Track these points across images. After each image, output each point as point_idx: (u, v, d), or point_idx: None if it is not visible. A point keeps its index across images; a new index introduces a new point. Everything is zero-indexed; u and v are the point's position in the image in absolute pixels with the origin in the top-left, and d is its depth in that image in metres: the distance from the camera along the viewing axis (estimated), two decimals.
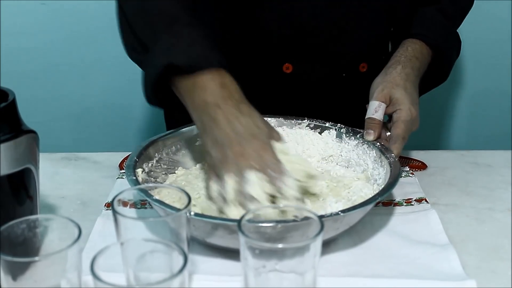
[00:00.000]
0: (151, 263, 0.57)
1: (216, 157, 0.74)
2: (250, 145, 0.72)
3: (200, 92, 0.77)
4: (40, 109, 1.66)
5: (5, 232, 0.56)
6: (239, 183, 0.71)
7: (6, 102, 0.64)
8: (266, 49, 1.00)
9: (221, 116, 0.74)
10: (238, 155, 0.72)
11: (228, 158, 0.72)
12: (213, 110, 0.75)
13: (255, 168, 0.71)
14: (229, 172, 0.72)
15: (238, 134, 0.73)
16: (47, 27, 1.60)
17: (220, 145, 0.73)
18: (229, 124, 0.74)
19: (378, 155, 0.85)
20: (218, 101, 0.75)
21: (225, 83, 0.77)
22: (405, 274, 0.69)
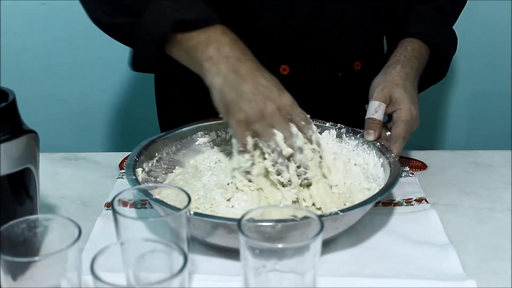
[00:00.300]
0: (151, 263, 0.57)
1: (250, 112, 0.74)
2: (284, 101, 0.76)
3: (216, 46, 0.77)
4: (40, 109, 1.66)
5: (5, 232, 0.56)
6: (288, 138, 0.75)
7: (6, 102, 0.64)
8: (263, 51, 0.99)
9: (246, 71, 0.76)
10: (275, 111, 0.75)
11: (265, 113, 0.74)
12: (236, 64, 0.76)
13: (286, 124, 0.75)
14: (272, 125, 0.74)
15: (268, 88, 0.75)
16: (47, 27, 1.61)
17: (251, 100, 0.74)
18: (256, 79, 0.75)
19: (378, 155, 0.85)
20: (238, 55, 0.76)
21: (236, 39, 0.78)
22: (405, 274, 0.69)
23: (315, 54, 0.99)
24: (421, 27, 0.97)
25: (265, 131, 0.75)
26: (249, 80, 0.75)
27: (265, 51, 0.99)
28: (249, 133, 0.76)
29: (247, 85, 0.75)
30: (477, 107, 1.72)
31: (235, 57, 0.76)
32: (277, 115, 0.75)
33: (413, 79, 0.92)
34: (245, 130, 0.76)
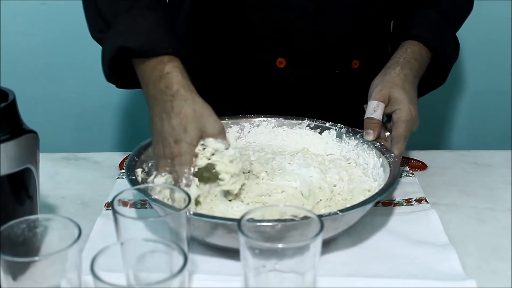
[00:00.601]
0: (151, 263, 0.57)
1: (161, 152, 0.77)
2: (170, 152, 0.75)
3: (144, 79, 0.80)
4: (40, 109, 1.66)
5: (5, 232, 0.56)
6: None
7: (6, 102, 0.64)
8: (259, 44, 1.00)
9: (156, 112, 0.77)
10: (158, 157, 0.77)
11: (155, 158, 0.78)
12: (151, 102, 0.79)
13: (164, 172, 0.76)
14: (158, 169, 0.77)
15: (164, 137, 0.76)
16: (47, 27, 1.60)
17: (154, 144, 0.78)
18: (160, 123, 0.76)
19: (378, 155, 0.85)
20: (156, 94, 0.78)
21: (162, 73, 0.78)
22: (405, 274, 0.69)
23: (311, 48, 0.99)
24: (422, 30, 0.97)
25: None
26: (155, 124, 0.78)
27: (259, 45, 0.99)
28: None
29: (153, 128, 0.78)
30: (477, 107, 1.72)
31: (152, 96, 0.79)
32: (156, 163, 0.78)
33: (412, 80, 0.92)
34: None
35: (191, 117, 0.75)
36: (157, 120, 0.77)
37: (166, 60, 0.79)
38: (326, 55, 1.01)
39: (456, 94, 1.72)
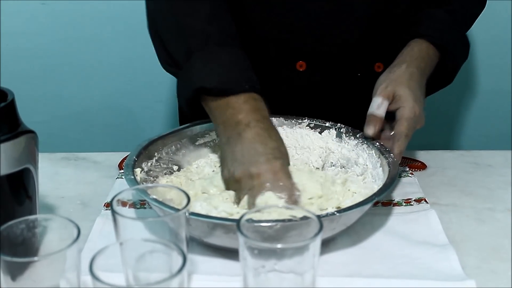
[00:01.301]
0: (150, 263, 0.57)
1: (233, 174, 0.76)
2: (269, 167, 0.74)
3: (233, 112, 0.79)
4: (40, 109, 1.66)
5: (4, 232, 0.56)
6: (249, 202, 0.74)
7: (5, 102, 0.64)
8: (279, 46, 1.00)
9: (249, 134, 0.77)
10: (255, 175, 0.74)
11: (244, 176, 0.75)
12: (243, 128, 0.78)
13: (267, 189, 0.73)
14: (242, 190, 0.75)
15: (259, 154, 0.75)
16: (47, 27, 1.60)
17: (239, 162, 0.76)
18: (254, 145, 0.76)
19: (377, 155, 0.85)
20: (250, 121, 0.78)
21: (257, 108, 0.80)
22: (405, 274, 0.69)
23: (332, 52, 0.99)
24: (430, 29, 0.96)
25: (237, 193, 0.77)
26: (247, 143, 0.77)
27: (280, 48, 0.99)
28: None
29: (243, 147, 0.77)
30: (477, 107, 1.72)
31: (245, 123, 0.78)
32: (249, 183, 0.75)
33: (418, 79, 0.91)
34: (229, 188, 0.79)
35: (285, 147, 0.79)
36: (248, 139, 0.77)
37: (251, 99, 0.80)
38: (346, 58, 1.00)
39: (456, 94, 1.72)
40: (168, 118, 1.78)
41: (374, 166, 0.84)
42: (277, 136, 0.79)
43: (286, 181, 0.75)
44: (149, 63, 1.68)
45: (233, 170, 0.77)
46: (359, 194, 0.80)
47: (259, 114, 0.80)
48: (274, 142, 0.78)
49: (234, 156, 0.77)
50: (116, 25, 1.63)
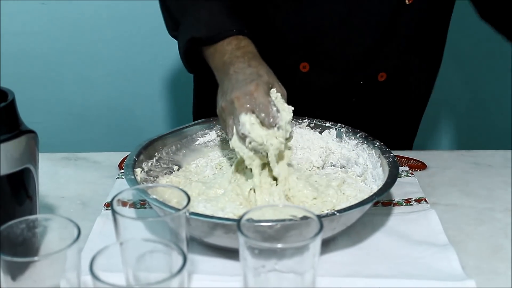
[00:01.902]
0: (150, 263, 0.57)
1: (220, 105, 0.81)
2: (246, 88, 0.78)
3: (219, 55, 0.86)
4: (40, 109, 1.66)
5: (4, 232, 0.56)
6: (236, 125, 0.78)
7: (6, 102, 0.64)
8: (282, 47, 1.00)
9: (231, 70, 0.82)
10: (235, 99, 0.78)
11: (227, 103, 0.79)
12: (227, 67, 0.83)
13: (247, 109, 0.77)
14: (229, 115, 0.79)
15: (239, 81, 0.80)
16: (47, 27, 1.61)
17: (225, 93, 0.81)
18: (235, 75, 0.81)
19: (377, 155, 0.85)
20: (232, 59, 0.83)
21: (240, 45, 0.85)
22: (405, 274, 0.69)
23: (335, 55, 0.99)
24: None
25: (225, 121, 0.81)
26: (230, 77, 0.82)
27: (284, 48, 1.00)
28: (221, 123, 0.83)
29: (227, 82, 0.81)
30: (477, 107, 1.72)
31: (228, 62, 0.84)
32: (231, 107, 0.79)
33: None
34: (222, 121, 0.83)
35: (266, 70, 0.82)
36: (232, 74, 0.81)
37: (237, 39, 0.86)
38: (350, 64, 1.00)
39: (456, 94, 1.72)
40: (168, 118, 1.78)
41: (374, 166, 0.85)
42: (256, 63, 0.82)
43: (263, 99, 0.77)
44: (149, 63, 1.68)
45: (220, 102, 0.81)
46: (355, 198, 0.80)
47: (241, 51, 0.84)
48: (252, 69, 0.81)
49: (222, 91, 0.82)
50: (116, 25, 1.63)
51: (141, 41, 1.66)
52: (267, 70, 0.82)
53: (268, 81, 0.80)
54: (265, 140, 0.76)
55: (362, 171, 0.87)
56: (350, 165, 0.90)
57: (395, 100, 1.08)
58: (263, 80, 0.79)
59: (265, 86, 0.78)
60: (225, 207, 0.76)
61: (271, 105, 0.77)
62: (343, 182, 0.84)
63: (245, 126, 0.76)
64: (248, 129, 0.76)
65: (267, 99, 0.77)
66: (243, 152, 0.78)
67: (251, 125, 0.76)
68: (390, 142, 0.91)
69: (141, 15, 1.63)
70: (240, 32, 0.87)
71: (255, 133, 0.76)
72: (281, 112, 0.77)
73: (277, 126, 0.76)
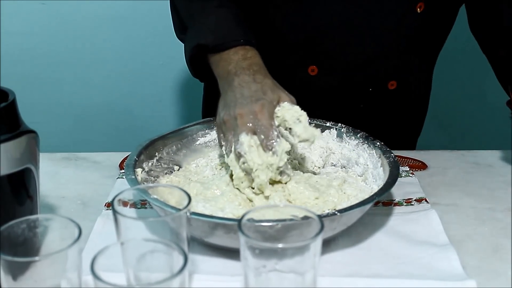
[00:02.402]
0: (151, 263, 0.57)
1: (222, 117, 0.81)
2: (251, 107, 0.77)
3: (224, 64, 0.85)
4: (40, 109, 1.66)
5: (5, 232, 0.56)
6: (235, 143, 0.78)
7: (6, 102, 0.64)
8: (292, 49, 1.00)
9: (236, 82, 0.81)
10: (238, 116, 0.78)
11: (230, 118, 0.79)
12: (231, 78, 0.83)
13: (249, 129, 0.77)
14: (229, 131, 0.79)
15: (244, 97, 0.79)
16: (47, 27, 1.61)
17: (227, 106, 0.80)
18: (240, 89, 0.80)
19: (378, 155, 0.85)
20: (237, 70, 0.83)
21: (246, 56, 0.85)
22: (405, 274, 0.69)
23: (343, 60, 0.99)
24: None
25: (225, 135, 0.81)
26: (234, 90, 0.81)
27: (294, 49, 1.00)
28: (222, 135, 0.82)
29: (230, 94, 0.81)
30: (477, 107, 1.72)
31: (233, 72, 0.83)
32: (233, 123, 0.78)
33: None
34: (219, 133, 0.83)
35: (271, 86, 0.81)
36: (236, 87, 0.80)
37: (244, 49, 0.85)
38: (359, 70, 1.00)
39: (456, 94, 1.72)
40: (168, 118, 1.78)
41: (374, 166, 0.85)
42: (262, 78, 0.82)
43: (266, 121, 0.77)
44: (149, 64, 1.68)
45: (222, 114, 0.81)
46: (355, 197, 0.80)
47: (247, 62, 0.83)
48: (257, 85, 0.80)
49: (224, 103, 0.81)
50: (116, 25, 1.63)
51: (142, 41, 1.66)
52: (272, 85, 0.81)
53: (273, 98, 0.79)
54: (254, 169, 0.76)
55: (362, 171, 0.87)
56: (350, 165, 0.90)
57: (400, 103, 1.08)
58: (268, 99, 0.78)
59: (270, 107, 0.78)
60: (224, 208, 0.76)
61: (273, 129, 0.77)
62: (344, 182, 0.84)
63: (243, 146, 0.76)
64: (245, 150, 0.76)
65: (270, 122, 0.77)
66: (235, 172, 0.78)
67: (249, 147, 0.76)
68: (394, 143, 0.91)
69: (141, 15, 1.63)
70: (248, 43, 0.86)
71: (250, 156, 0.76)
72: (282, 139, 0.77)
73: (273, 151, 0.76)
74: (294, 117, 0.78)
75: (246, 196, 0.79)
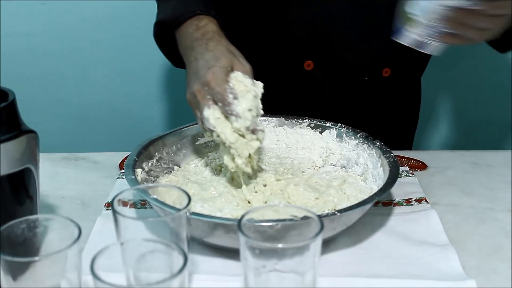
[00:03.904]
0: (151, 263, 0.57)
1: (187, 98, 0.79)
2: (203, 79, 0.76)
3: (182, 39, 0.85)
4: (40, 109, 1.66)
5: (5, 232, 0.56)
6: (202, 120, 0.77)
7: (6, 102, 0.64)
8: (288, 45, 1.00)
9: (192, 56, 0.81)
10: (196, 92, 0.77)
11: (191, 96, 0.78)
12: (189, 53, 0.82)
13: (209, 101, 0.75)
14: (196, 109, 0.78)
15: (198, 69, 0.78)
16: (47, 27, 1.60)
17: (188, 85, 0.79)
18: (195, 62, 0.79)
19: (378, 155, 0.85)
20: (193, 43, 0.82)
21: (199, 26, 0.84)
22: (405, 274, 0.69)
23: (336, 54, 0.99)
24: None
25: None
26: (191, 66, 0.80)
27: (288, 46, 1.00)
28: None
29: (188, 72, 0.81)
30: (477, 107, 1.72)
31: (189, 46, 0.83)
32: (195, 102, 0.78)
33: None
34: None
35: (224, 51, 0.78)
36: (192, 61, 0.80)
37: (198, 19, 0.84)
38: (356, 62, 1.00)
39: (456, 94, 1.72)
40: (168, 118, 1.78)
41: (374, 166, 0.85)
42: (215, 45, 0.80)
43: (219, 88, 0.75)
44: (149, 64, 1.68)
45: (187, 95, 0.79)
46: (355, 197, 0.80)
47: (200, 31, 0.83)
48: (210, 53, 0.78)
49: (187, 81, 0.80)
50: (116, 25, 1.63)
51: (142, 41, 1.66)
52: (225, 51, 0.79)
53: (226, 64, 0.77)
54: (228, 144, 0.75)
55: (362, 171, 0.87)
56: (350, 165, 0.90)
57: (395, 91, 1.08)
58: (221, 65, 0.76)
59: (221, 73, 0.76)
60: (223, 208, 0.76)
61: (227, 92, 0.75)
62: (344, 182, 0.84)
63: (210, 121, 0.75)
64: (213, 124, 0.75)
65: (223, 87, 0.75)
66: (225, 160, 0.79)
67: (216, 119, 0.75)
68: (391, 141, 0.91)
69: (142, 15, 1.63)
70: (204, 13, 0.84)
71: (220, 128, 0.75)
72: (240, 99, 0.75)
73: (235, 114, 0.74)
74: (243, 91, 0.76)
75: (244, 197, 0.79)
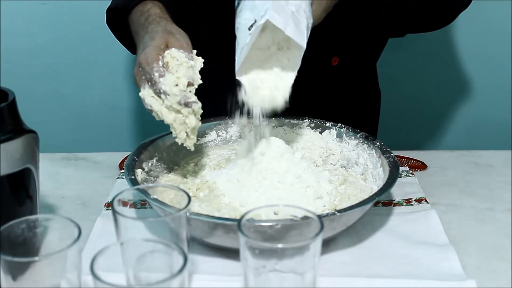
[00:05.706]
0: (151, 263, 0.57)
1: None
2: (137, 60, 0.78)
3: (131, 25, 0.88)
4: (40, 109, 1.66)
5: (5, 232, 0.56)
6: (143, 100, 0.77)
7: (6, 102, 0.64)
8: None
9: (137, 42, 0.84)
10: (135, 75, 0.79)
11: (135, 80, 0.80)
12: (136, 38, 0.85)
13: (144, 82, 0.77)
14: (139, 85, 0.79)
15: (138, 54, 0.80)
16: (47, 27, 1.60)
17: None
18: (138, 47, 0.82)
19: (378, 155, 0.85)
20: (138, 28, 0.85)
21: (144, 11, 0.86)
22: (405, 274, 0.69)
23: None
24: None
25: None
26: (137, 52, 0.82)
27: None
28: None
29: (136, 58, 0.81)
30: (477, 107, 1.72)
31: (135, 32, 0.86)
32: (136, 79, 0.79)
33: None
34: None
35: (160, 31, 0.80)
36: (138, 49, 0.81)
37: (144, 5, 0.87)
38: (304, 53, 0.99)
39: (456, 93, 1.72)
40: None
41: (374, 166, 0.85)
42: (153, 28, 0.81)
43: (147, 67, 0.75)
44: None
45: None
46: (355, 197, 0.80)
47: (144, 16, 0.85)
48: (147, 35, 0.81)
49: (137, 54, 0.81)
50: None
51: None
52: (162, 31, 0.80)
53: (159, 43, 0.77)
54: (166, 117, 0.76)
55: (362, 171, 0.87)
56: (350, 165, 0.90)
57: (345, 80, 1.08)
58: (154, 44, 0.77)
59: (153, 52, 0.76)
60: (220, 208, 0.76)
61: (153, 71, 0.74)
62: (344, 181, 0.85)
63: (145, 101, 0.76)
64: (149, 103, 0.76)
65: (151, 66, 0.75)
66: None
67: (150, 99, 0.76)
68: (356, 124, 0.92)
69: None
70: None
71: (155, 108, 0.76)
72: (166, 75, 0.74)
73: (162, 92, 0.74)
74: (175, 66, 0.75)
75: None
